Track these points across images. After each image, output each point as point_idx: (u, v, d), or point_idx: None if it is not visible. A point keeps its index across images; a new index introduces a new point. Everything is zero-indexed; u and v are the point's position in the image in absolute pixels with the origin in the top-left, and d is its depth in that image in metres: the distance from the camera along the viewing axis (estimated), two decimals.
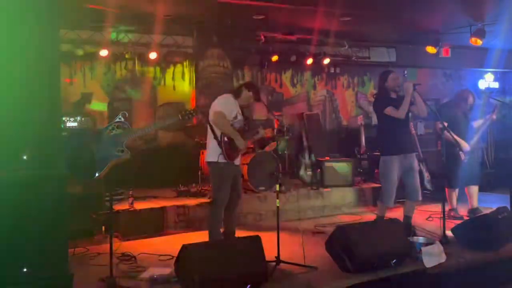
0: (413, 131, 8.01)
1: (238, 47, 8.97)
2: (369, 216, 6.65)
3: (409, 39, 9.84)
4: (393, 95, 5.37)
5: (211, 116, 4.76)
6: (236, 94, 4.93)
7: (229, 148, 4.73)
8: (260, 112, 8.37)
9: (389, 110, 5.22)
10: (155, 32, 8.08)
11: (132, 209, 5.96)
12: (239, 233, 5.18)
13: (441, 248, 4.63)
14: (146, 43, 8.26)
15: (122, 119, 4.10)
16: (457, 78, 11.99)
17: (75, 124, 6.01)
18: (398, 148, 5.29)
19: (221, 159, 4.71)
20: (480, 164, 7.04)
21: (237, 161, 4.96)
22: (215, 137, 4.71)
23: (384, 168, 5.36)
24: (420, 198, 5.46)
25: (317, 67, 9.97)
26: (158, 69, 8.65)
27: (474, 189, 6.58)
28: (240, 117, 4.92)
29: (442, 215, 5.29)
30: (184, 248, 3.73)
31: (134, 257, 4.83)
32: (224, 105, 4.79)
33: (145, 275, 4.21)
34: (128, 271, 4.35)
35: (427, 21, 8.45)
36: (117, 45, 8.05)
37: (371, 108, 9.82)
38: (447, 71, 11.83)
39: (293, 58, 9.43)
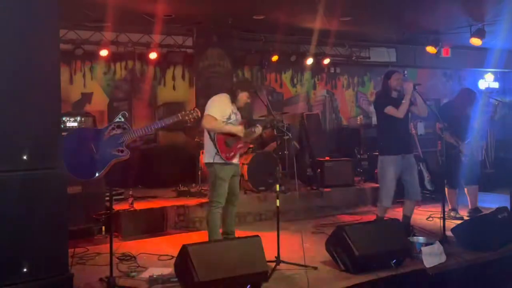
0: (413, 131, 8.04)
1: (238, 47, 8.98)
2: (369, 216, 6.64)
3: (409, 39, 9.84)
4: (395, 95, 5.37)
5: (202, 120, 4.75)
6: (233, 98, 4.87)
7: (224, 147, 4.71)
8: (259, 111, 8.36)
9: (389, 109, 5.21)
10: (155, 32, 8.09)
11: (132, 209, 5.96)
12: (239, 233, 5.17)
13: (441, 248, 4.62)
14: (146, 43, 8.27)
15: (122, 119, 4.10)
16: (457, 78, 12.00)
17: (75, 124, 6.01)
18: (396, 148, 5.29)
19: (217, 160, 4.69)
20: (480, 164, 7.03)
21: (236, 160, 4.92)
22: (210, 137, 4.71)
23: (382, 168, 5.36)
24: (420, 198, 5.46)
25: (317, 67, 9.98)
26: (158, 69, 8.66)
27: (474, 189, 6.58)
28: (234, 116, 4.87)
29: (442, 215, 5.29)
30: (184, 248, 3.72)
31: (134, 257, 4.83)
32: (216, 107, 4.74)
33: (145, 275, 4.21)
34: (128, 271, 4.35)
35: (427, 21, 8.45)
36: (117, 45, 8.07)
37: (371, 108, 9.84)
38: (447, 71, 11.84)
39: (293, 58, 9.45)
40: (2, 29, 3.20)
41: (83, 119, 6.12)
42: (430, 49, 9.05)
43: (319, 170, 7.66)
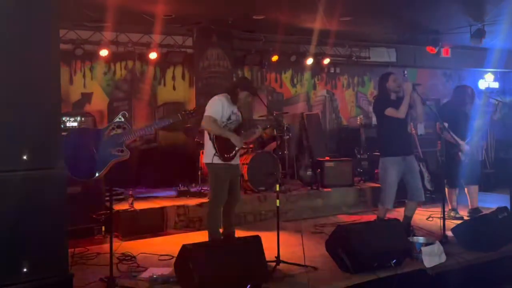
0: (413, 131, 8.04)
1: (238, 47, 8.98)
2: (369, 216, 6.65)
3: (409, 39, 9.84)
4: (393, 97, 5.36)
5: (202, 121, 4.74)
6: (233, 98, 4.84)
7: (223, 148, 4.70)
8: (259, 111, 8.38)
9: (390, 111, 5.20)
10: (155, 32, 8.09)
11: (132, 209, 5.96)
12: (239, 233, 5.18)
13: (441, 248, 4.62)
14: (146, 43, 8.27)
15: (122, 119, 4.10)
16: (457, 78, 12.00)
17: (75, 124, 6.01)
18: (397, 149, 5.28)
19: (216, 160, 4.68)
20: (480, 164, 7.02)
21: (235, 161, 4.90)
22: (210, 138, 4.71)
23: (383, 169, 5.35)
24: (423, 199, 5.45)
25: (317, 67, 9.99)
26: (158, 69, 8.66)
27: (474, 189, 6.58)
28: (235, 117, 4.86)
29: (442, 215, 5.29)
30: (184, 248, 3.72)
31: (134, 257, 4.82)
32: (215, 108, 4.73)
33: (145, 275, 4.21)
34: (128, 271, 4.35)
35: (427, 21, 8.45)
36: (117, 45, 8.07)
37: (371, 108, 9.84)
38: (447, 71, 11.85)
39: (293, 58, 9.45)
40: (2, 29, 3.20)
41: (83, 119, 6.12)
42: (430, 49, 9.06)
43: (319, 170, 7.66)
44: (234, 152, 4.78)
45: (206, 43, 8.48)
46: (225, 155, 4.69)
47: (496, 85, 12.17)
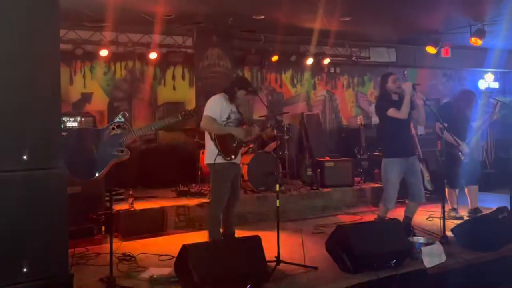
0: (413, 131, 8.02)
1: (238, 47, 8.98)
2: (369, 216, 6.65)
3: (409, 39, 9.84)
4: (395, 97, 5.35)
5: (201, 121, 4.75)
6: (231, 97, 4.85)
7: (226, 148, 4.70)
8: (259, 111, 8.38)
9: (392, 111, 5.19)
10: (155, 32, 8.09)
11: (132, 209, 5.96)
12: (239, 233, 5.17)
13: (441, 248, 4.62)
14: (146, 43, 8.27)
15: (122, 119, 4.10)
16: (457, 78, 12.01)
17: (75, 124, 6.01)
18: (399, 150, 5.27)
19: (219, 160, 4.69)
20: (480, 164, 7.02)
21: (237, 160, 4.91)
22: (211, 138, 4.71)
23: (385, 170, 5.34)
24: (423, 200, 5.45)
25: (317, 67, 9.99)
26: (158, 69, 8.66)
27: (474, 189, 6.57)
28: (234, 116, 4.86)
29: (442, 215, 5.29)
30: (184, 248, 3.72)
31: (134, 257, 4.82)
32: (214, 108, 4.74)
33: (145, 275, 4.21)
34: (128, 271, 4.35)
35: (427, 21, 8.45)
36: (117, 45, 8.07)
37: (371, 108, 9.85)
38: (447, 71, 11.85)
39: (293, 58, 9.45)
40: (2, 29, 3.20)
41: (83, 119, 6.11)
42: (430, 49, 9.08)
43: (319, 170, 7.65)
44: (236, 150, 4.78)
45: (206, 43, 8.48)
46: (228, 154, 4.69)
47: (496, 85, 12.18)
